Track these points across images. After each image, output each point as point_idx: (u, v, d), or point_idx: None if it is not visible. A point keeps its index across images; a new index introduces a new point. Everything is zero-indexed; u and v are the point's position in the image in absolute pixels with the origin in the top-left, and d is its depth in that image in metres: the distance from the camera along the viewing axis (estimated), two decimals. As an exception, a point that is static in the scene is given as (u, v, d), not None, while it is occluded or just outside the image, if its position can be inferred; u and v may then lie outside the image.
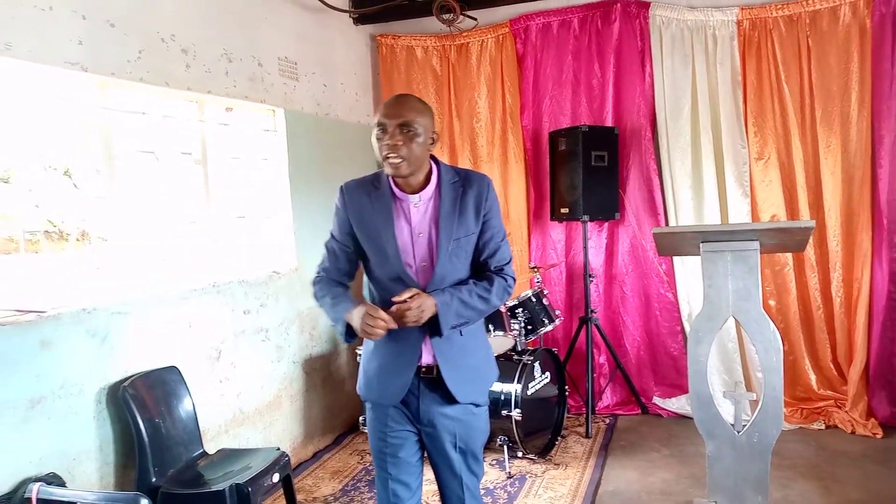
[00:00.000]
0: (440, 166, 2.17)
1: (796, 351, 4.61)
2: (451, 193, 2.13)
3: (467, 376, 2.19)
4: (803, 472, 3.78)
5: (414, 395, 2.18)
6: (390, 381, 2.18)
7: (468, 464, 2.24)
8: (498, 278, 2.17)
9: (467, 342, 2.19)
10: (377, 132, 2.06)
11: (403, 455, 2.23)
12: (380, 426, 2.23)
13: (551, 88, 5.02)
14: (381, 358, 2.21)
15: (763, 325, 2.74)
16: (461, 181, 2.16)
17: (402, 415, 2.21)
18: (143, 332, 3.13)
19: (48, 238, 3.04)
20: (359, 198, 2.18)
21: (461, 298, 2.09)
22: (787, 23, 4.49)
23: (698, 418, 2.85)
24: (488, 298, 2.14)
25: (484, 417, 2.28)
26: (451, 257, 2.11)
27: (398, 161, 2.02)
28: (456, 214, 2.12)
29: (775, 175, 4.58)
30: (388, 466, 2.22)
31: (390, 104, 2.07)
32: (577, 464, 4.05)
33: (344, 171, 4.84)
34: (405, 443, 2.22)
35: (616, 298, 5.04)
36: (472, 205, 2.13)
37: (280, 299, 4.14)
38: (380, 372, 2.21)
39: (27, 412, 2.60)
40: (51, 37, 2.75)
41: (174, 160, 3.56)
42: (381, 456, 2.24)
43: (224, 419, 3.63)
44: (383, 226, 2.12)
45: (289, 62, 4.32)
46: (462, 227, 2.12)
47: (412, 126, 2.02)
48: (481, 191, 2.15)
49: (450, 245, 2.10)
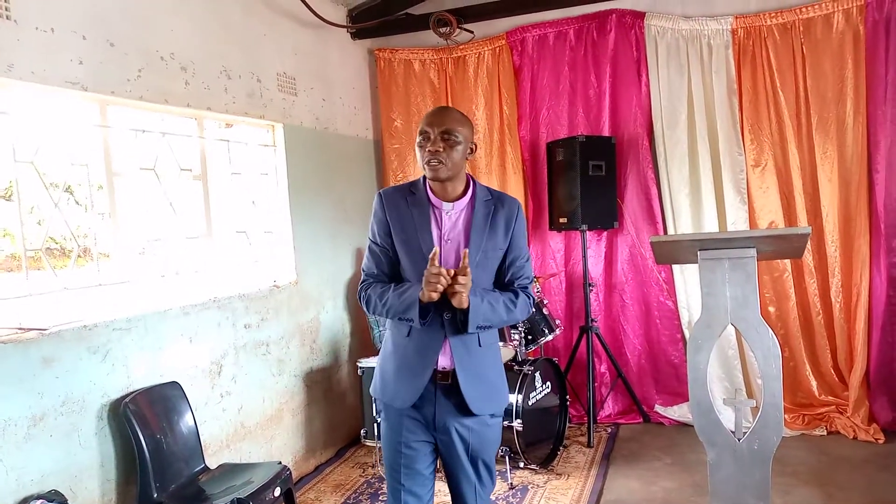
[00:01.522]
0: (476, 184, 2.29)
1: (797, 357, 4.61)
2: (484, 209, 2.25)
3: (483, 388, 2.23)
4: (805, 479, 3.77)
5: (430, 402, 2.22)
6: (406, 382, 2.22)
7: (480, 473, 2.28)
8: (522, 295, 2.28)
9: (486, 354, 2.26)
10: (420, 139, 2.19)
11: (418, 467, 2.25)
12: (394, 436, 2.26)
13: (548, 99, 5.05)
14: (399, 359, 2.25)
15: (762, 332, 2.74)
16: (494, 200, 2.28)
17: (418, 423, 2.24)
18: (144, 347, 3.15)
19: (50, 255, 3.05)
20: (396, 201, 2.28)
21: (490, 302, 2.18)
22: (781, 30, 4.52)
23: (699, 426, 2.85)
24: (513, 310, 2.24)
25: (498, 428, 2.33)
26: (478, 267, 2.19)
27: (438, 165, 2.14)
28: (487, 228, 2.23)
29: (772, 181, 4.60)
30: (402, 478, 2.24)
31: (434, 113, 2.21)
32: (579, 473, 4.05)
33: (343, 184, 4.88)
34: (420, 454, 2.25)
35: (616, 307, 5.05)
36: (503, 223, 2.25)
37: (280, 313, 4.15)
38: (397, 372, 2.25)
39: (29, 429, 2.61)
40: (52, 57, 2.79)
41: (174, 176, 3.58)
42: (394, 467, 2.26)
43: (225, 434, 3.64)
44: (419, 228, 2.21)
45: (287, 77, 4.35)
46: (491, 241, 2.23)
47: (453, 134, 2.15)
48: (512, 212, 2.27)
49: (478, 255, 2.20)
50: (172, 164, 3.58)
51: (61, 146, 2.98)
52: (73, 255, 3.13)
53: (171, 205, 3.54)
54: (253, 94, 4.01)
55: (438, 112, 2.22)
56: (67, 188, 3.14)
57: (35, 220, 3.07)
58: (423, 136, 2.18)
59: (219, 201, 3.87)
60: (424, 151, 2.16)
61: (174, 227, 3.58)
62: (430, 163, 2.15)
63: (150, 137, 3.43)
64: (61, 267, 3.03)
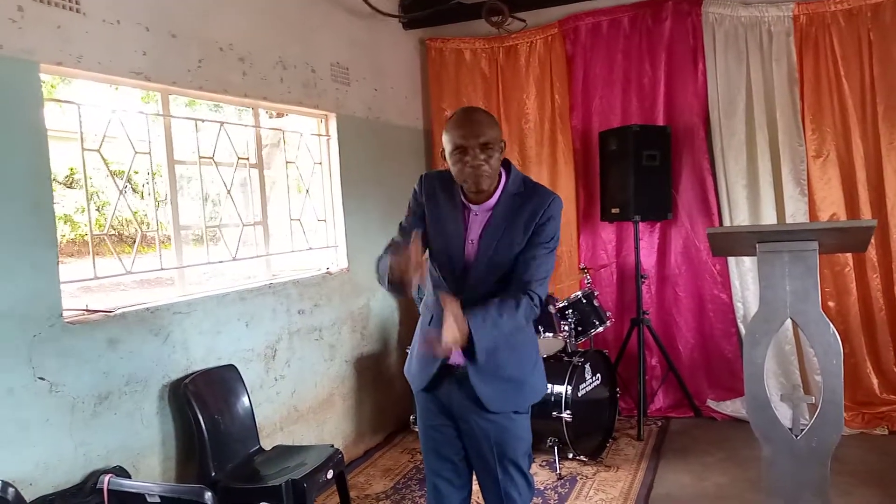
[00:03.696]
0: (510, 176, 2.20)
1: (857, 354, 4.47)
2: (508, 204, 2.16)
3: (501, 386, 2.16)
4: (865, 479, 3.66)
5: (445, 389, 2.23)
6: (421, 366, 2.27)
7: (512, 476, 2.19)
8: (525, 298, 2.10)
9: (504, 357, 2.15)
10: (456, 154, 2.09)
11: (445, 452, 2.26)
12: (421, 418, 2.32)
13: (601, 88, 4.99)
14: (419, 354, 2.30)
15: (822, 328, 2.67)
16: (524, 194, 2.17)
17: (439, 405, 2.25)
18: (203, 331, 3.24)
19: (113, 241, 3.16)
20: (435, 189, 2.27)
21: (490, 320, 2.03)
22: (846, 17, 4.36)
23: (754, 421, 2.79)
24: (516, 318, 2.09)
25: (524, 425, 2.23)
26: (487, 267, 2.15)
27: (481, 178, 2.09)
28: (503, 227, 2.15)
29: (834, 173, 4.45)
30: (432, 461, 2.29)
31: (464, 124, 2.09)
32: (628, 466, 4.02)
33: (394, 174, 4.92)
34: (446, 438, 2.26)
35: (668, 300, 4.98)
36: (526, 217, 2.14)
37: (333, 299, 4.22)
38: (417, 354, 2.32)
39: (96, 407, 2.73)
40: (118, 49, 2.88)
41: (231, 165, 3.67)
42: (424, 450, 2.32)
43: (279, 416, 3.73)
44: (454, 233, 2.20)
45: (341, 68, 4.40)
46: (505, 239, 2.14)
47: (490, 144, 2.08)
48: (541, 205, 2.14)
49: (489, 253, 2.15)
50: (230, 152, 3.66)
51: (124, 135, 3.08)
52: (136, 240, 3.24)
53: (229, 192, 3.63)
54: (307, 84, 4.07)
55: (468, 123, 2.09)
56: (130, 177, 3.25)
57: (94, 207, 3.18)
58: (460, 150, 2.07)
59: (274, 190, 3.94)
60: (465, 167, 2.08)
61: (232, 214, 3.67)
62: (472, 177, 2.09)
63: (209, 126, 3.51)
64: (122, 253, 3.14)
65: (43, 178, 2.57)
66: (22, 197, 2.49)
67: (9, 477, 2.38)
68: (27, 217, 2.50)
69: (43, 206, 2.56)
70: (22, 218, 2.48)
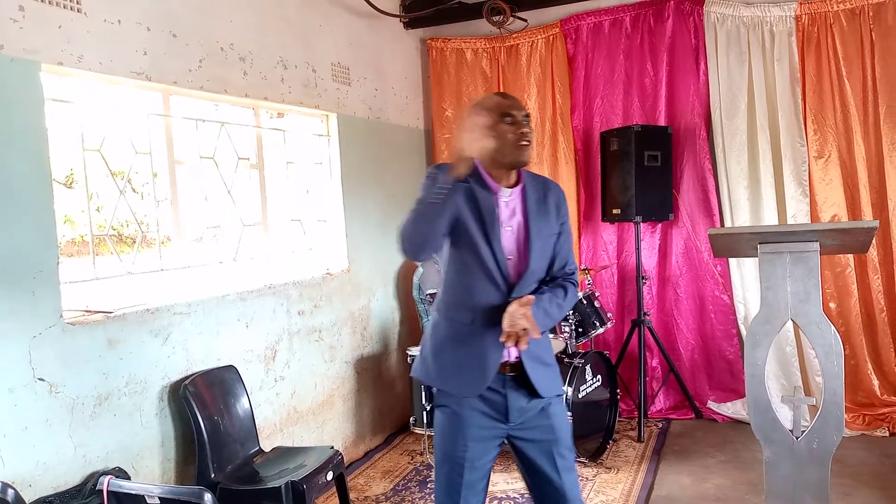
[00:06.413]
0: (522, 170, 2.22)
1: (858, 355, 4.46)
2: (535, 194, 2.18)
3: (545, 371, 2.19)
4: (866, 481, 3.66)
5: (499, 393, 2.13)
6: (471, 373, 2.12)
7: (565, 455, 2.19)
8: (570, 286, 2.20)
9: (543, 340, 2.20)
10: (504, 124, 2.07)
11: (483, 461, 2.16)
12: (457, 430, 2.15)
13: (602, 88, 4.98)
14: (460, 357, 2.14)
15: (824, 329, 2.66)
16: (541, 184, 2.22)
17: (486, 416, 2.14)
18: (202, 331, 3.24)
19: (112, 241, 3.16)
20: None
21: (545, 309, 2.11)
22: (848, 16, 4.35)
23: (755, 423, 2.79)
24: (563, 306, 2.17)
25: (564, 407, 2.33)
26: (540, 253, 2.15)
27: (529, 147, 2.11)
28: (542, 213, 2.17)
29: (836, 174, 4.44)
30: (465, 472, 2.13)
31: (507, 97, 2.16)
32: (628, 468, 4.01)
33: (394, 173, 4.92)
34: (487, 448, 2.16)
35: (669, 301, 4.97)
36: (553, 207, 2.19)
37: (333, 300, 4.22)
38: (457, 364, 2.15)
39: (95, 408, 2.72)
40: (119, 48, 2.88)
41: (231, 165, 3.66)
42: (456, 460, 2.14)
43: (279, 417, 3.72)
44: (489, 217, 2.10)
45: (341, 67, 4.39)
46: (547, 228, 2.17)
47: (529, 117, 2.14)
48: (559, 196, 2.22)
49: (539, 241, 2.14)
50: (230, 152, 3.66)
51: (124, 134, 3.07)
52: (136, 240, 3.23)
53: (229, 193, 3.62)
54: (308, 84, 4.07)
55: (510, 97, 2.16)
56: (129, 177, 3.24)
57: (94, 207, 3.17)
58: (511, 118, 2.07)
59: (274, 190, 3.94)
60: (516, 134, 2.07)
61: (232, 214, 3.67)
62: (522, 144, 2.08)
63: (209, 126, 3.51)
64: (122, 253, 3.13)
65: (43, 178, 2.56)
66: (22, 197, 2.48)
67: (8, 478, 2.37)
68: (27, 217, 2.49)
69: (43, 206, 2.55)
70: (22, 218, 2.48)
